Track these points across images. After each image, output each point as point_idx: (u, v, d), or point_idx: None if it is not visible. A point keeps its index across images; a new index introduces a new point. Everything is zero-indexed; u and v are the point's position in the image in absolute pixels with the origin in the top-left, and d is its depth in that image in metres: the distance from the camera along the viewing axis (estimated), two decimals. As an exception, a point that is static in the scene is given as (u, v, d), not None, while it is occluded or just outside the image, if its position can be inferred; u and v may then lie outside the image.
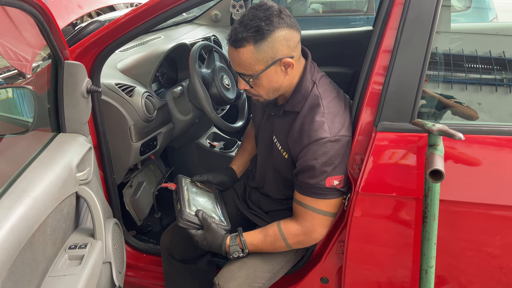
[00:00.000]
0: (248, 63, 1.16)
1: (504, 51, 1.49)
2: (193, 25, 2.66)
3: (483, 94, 1.44)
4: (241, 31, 1.13)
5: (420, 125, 1.10)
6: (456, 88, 1.45)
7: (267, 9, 1.14)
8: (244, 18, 1.15)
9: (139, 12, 1.39)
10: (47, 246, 0.99)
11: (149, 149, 1.77)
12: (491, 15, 3.62)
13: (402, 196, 1.20)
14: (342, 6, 5.16)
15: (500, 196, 1.15)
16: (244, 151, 1.66)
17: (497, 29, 2.07)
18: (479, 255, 1.23)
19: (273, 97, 1.28)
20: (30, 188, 0.95)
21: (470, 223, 1.19)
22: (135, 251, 1.84)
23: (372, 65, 1.23)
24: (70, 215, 1.16)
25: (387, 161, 1.20)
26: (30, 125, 1.37)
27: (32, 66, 1.71)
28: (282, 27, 1.14)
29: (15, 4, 0.89)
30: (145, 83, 1.71)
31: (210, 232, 1.30)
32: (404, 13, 1.17)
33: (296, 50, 1.21)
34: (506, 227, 1.18)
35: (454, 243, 1.22)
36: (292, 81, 1.26)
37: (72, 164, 1.17)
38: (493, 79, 1.45)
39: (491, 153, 1.16)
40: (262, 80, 1.20)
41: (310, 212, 1.25)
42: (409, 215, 1.21)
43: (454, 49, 1.53)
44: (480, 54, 1.50)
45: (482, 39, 1.72)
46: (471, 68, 1.49)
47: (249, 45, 1.13)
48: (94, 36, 1.44)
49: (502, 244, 1.20)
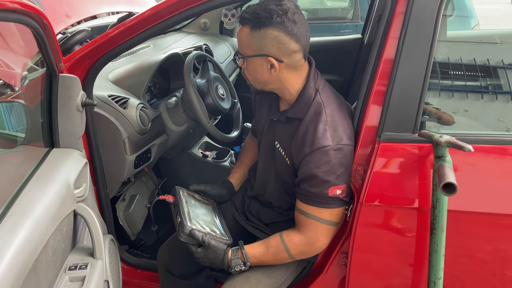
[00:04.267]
0: (242, 42, 1.24)
1: (488, 58, 1.52)
2: (182, 34, 2.64)
3: (470, 101, 1.46)
4: (249, 11, 1.20)
5: (426, 136, 1.10)
6: (443, 96, 1.47)
7: (278, 5, 1.17)
8: (259, 3, 1.21)
9: (133, 24, 1.37)
10: (49, 268, 0.94)
11: (143, 162, 1.73)
12: (473, 22, 3.70)
13: (406, 207, 1.19)
14: (326, 13, 5.20)
15: (496, 204, 1.16)
16: (241, 164, 1.63)
17: (480, 37, 2.11)
18: (479, 263, 1.24)
19: (259, 88, 1.31)
20: (30, 208, 0.91)
21: (472, 231, 1.20)
22: (129, 266, 1.79)
23: (374, 74, 1.23)
24: (69, 234, 1.12)
25: (390, 171, 1.20)
26: (22, 140, 1.32)
27: (20, 78, 1.66)
28: (278, 28, 1.16)
29: (20, 19, 0.85)
30: (139, 94, 1.67)
31: (210, 250, 1.27)
32: (405, 23, 1.17)
33: (290, 58, 1.21)
34: (507, 235, 1.19)
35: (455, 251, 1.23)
36: (290, 86, 1.27)
37: (70, 181, 1.12)
38: (479, 86, 1.47)
39: (492, 162, 1.17)
40: (249, 65, 1.25)
41: (313, 221, 1.24)
42: (414, 226, 1.21)
43: (440, 57, 1.55)
44: (465, 62, 1.52)
45: (466, 46, 1.75)
46: (457, 75, 1.50)
47: (246, 27, 1.20)
48: (86, 48, 1.41)
49: (501, 251, 1.21)
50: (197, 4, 1.31)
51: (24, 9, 0.87)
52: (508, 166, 1.18)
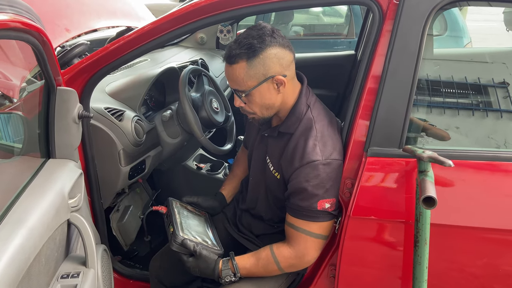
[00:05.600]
0: (241, 79, 1.22)
1: (479, 77, 1.57)
2: (178, 48, 2.68)
3: (461, 118, 1.50)
4: (235, 48, 1.20)
5: (410, 151, 1.13)
6: (435, 112, 1.51)
7: (260, 29, 1.20)
8: (239, 37, 1.22)
9: (130, 39, 1.41)
10: (41, 276, 0.97)
11: (138, 173, 1.76)
12: (466, 40, 3.78)
13: (392, 220, 1.23)
14: (322, 29, 5.29)
15: (482, 219, 1.19)
16: (234, 176, 1.66)
17: (471, 55, 2.17)
18: (464, 276, 1.26)
19: (267, 115, 1.31)
20: (25, 218, 0.94)
21: (457, 245, 1.23)
22: (122, 277, 1.80)
23: (362, 90, 1.27)
24: (62, 243, 1.14)
25: (377, 185, 1.23)
26: (19, 151, 1.35)
27: (19, 90, 1.69)
28: (274, 46, 1.19)
29: (21, 37, 0.89)
30: (134, 107, 1.71)
31: (201, 260, 1.29)
32: (391, 41, 1.22)
33: (289, 69, 1.25)
34: (491, 249, 1.22)
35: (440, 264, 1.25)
36: (287, 102, 1.30)
37: (64, 191, 1.15)
38: (470, 103, 1.52)
39: (476, 177, 1.21)
40: (255, 96, 1.24)
41: (302, 235, 1.26)
42: (400, 238, 1.24)
43: (432, 75, 1.59)
44: (457, 80, 1.57)
45: (458, 65, 1.80)
46: (448, 93, 1.55)
47: (242, 62, 1.20)
48: (85, 62, 1.45)
49: (486, 265, 1.23)
50: (194, 21, 1.35)
51: (24, 27, 0.91)
52: (492, 181, 1.21)
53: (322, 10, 5.40)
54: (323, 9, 5.38)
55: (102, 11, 2.34)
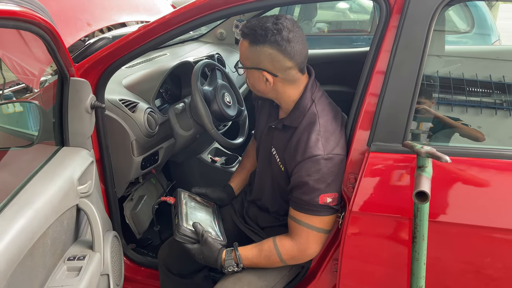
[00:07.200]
0: (242, 54, 1.31)
1: (504, 75, 1.53)
2: (198, 43, 2.73)
3: (483, 117, 1.47)
4: (249, 26, 1.25)
5: (409, 146, 1.12)
6: (456, 111, 1.49)
7: (274, 23, 1.22)
8: (260, 18, 1.26)
9: (146, 30, 1.44)
10: (47, 256, 1.02)
11: (150, 164, 1.81)
12: (494, 38, 3.66)
13: (395, 216, 1.22)
14: (348, 26, 5.24)
15: (487, 218, 1.17)
16: (243, 169, 1.69)
17: (497, 53, 2.11)
18: (468, 275, 1.24)
19: (259, 95, 1.38)
20: (32, 200, 0.99)
21: (459, 243, 1.21)
22: (134, 264, 1.86)
23: (367, 86, 1.27)
24: (70, 227, 1.20)
25: (379, 180, 1.22)
26: (35, 139, 1.41)
27: (39, 81, 1.77)
28: (272, 46, 1.21)
29: (27, 27, 0.94)
30: (148, 99, 1.76)
31: (206, 246, 1.32)
32: (397, 37, 1.21)
33: (285, 73, 1.26)
34: (491, 248, 1.19)
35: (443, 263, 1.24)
36: (286, 97, 1.32)
37: (74, 177, 1.20)
38: (493, 102, 1.48)
39: (479, 175, 1.18)
40: (248, 74, 1.33)
41: (304, 228, 1.28)
42: (402, 234, 1.23)
43: (455, 73, 1.56)
44: (481, 78, 1.53)
45: (483, 63, 1.76)
46: (471, 91, 1.52)
47: (246, 41, 1.27)
48: (101, 53, 1.50)
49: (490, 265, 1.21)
50: (208, 13, 1.38)
51: (34, 20, 0.96)
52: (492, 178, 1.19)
53: (349, 7, 5.34)
54: (350, 5, 5.32)
55: (124, 6, 2.40)
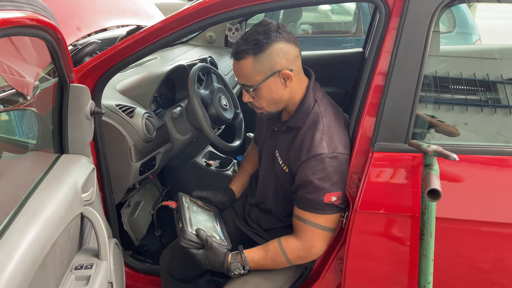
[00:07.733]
0: (249, 74, 1.25)
1: (488, 73, 1.57)
2: (188, 46, 2.71)
3: (469, 115, 1.51)
4: (242, 44, 1.23)
5: (416, 146, 1.15)
6: (443, 109, 1.52)
7: (266, 25, 1.24)
8: (246, 33, 1.26)
9: (140, 37, 1.43)
10: (56, 266, 1.00)
11: (148, 169, 1.79)
12: (475, 37, 3.76)
13: (399, 214, 1.24)
14: (331, 27, 5.30)
15: (489, 213, 1.20)
16: (243, 172, 1.69)
17: (480, 52, 2.16)
18: (471, 270, 1.27)
19: (275, 110, 1.34)
20: (40, 210, 0.97)
21: (462, 239, 1.24)
22: (133, 271, 1.84)
23: (368, 86, 1.29)
24: (76, 236, 1.18)
25: (383, 180, 1.24)
26: (33, 147, 1.38)
27: (33, 88, 1.73)
28: (280, 41, 1.22)
29: (35, 33, 0.92)
30: (145, 104, 1.74)
31: (211, 251, 1.32)
32: (397, 38, 1.23)
33: (295, 64, 1.28)
34: (496, 243, 1.23)
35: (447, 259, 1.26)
36: (295, 97, 1.32)
37: (78, 185, 1.18)
38: (478, 100, 1.52)
39: (481, 171, 1.22)
40: (262, 91, 1.27)
41: (309, 227, 1.29)
42: (406, 232, 1.25)
43: (441, 71, 1.60)
44: (465, 76, 1.57)
45: (467, 61, 1.80)
46: (457, 89, 1.55)
47: (249, 57, 1.23)
48: (96, 60, 1.48)
49: (492, 259, 1.24)
50: (202, 19, 1.38)
51: (41, 25, 0.94)
52: (497, 175, 1.22)
53: (331, 8, 5.41)
54: (331, 7, 5.38)
55: (112, 10, 2.37)
